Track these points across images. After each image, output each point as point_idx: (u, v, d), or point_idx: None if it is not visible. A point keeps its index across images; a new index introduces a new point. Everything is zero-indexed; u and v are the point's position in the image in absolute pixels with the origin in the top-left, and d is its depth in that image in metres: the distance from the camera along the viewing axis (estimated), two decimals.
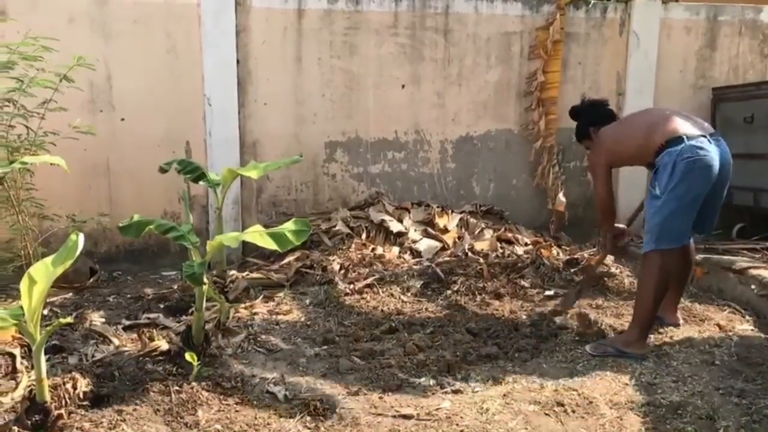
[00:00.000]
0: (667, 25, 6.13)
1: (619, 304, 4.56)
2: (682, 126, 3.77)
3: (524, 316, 4.31)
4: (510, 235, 5.56)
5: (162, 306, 4.41)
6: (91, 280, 4.89)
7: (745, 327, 4.16)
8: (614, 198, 4.29)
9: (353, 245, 5.20)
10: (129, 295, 4.69)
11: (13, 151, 4.15)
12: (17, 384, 3.13)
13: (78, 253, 2.70)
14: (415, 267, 4.95)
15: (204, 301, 3.45)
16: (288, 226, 3.39)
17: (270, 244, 3.27)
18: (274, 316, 4.23)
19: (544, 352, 3.76)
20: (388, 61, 5.74)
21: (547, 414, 3.05)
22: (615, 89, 6.18)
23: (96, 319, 4.11)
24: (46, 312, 4.18)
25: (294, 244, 3.31)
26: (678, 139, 3.71)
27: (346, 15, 5.59)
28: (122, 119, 5.27)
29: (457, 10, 5.80)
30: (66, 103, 4.28)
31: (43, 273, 2.66)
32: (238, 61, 5.42)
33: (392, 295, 4.59)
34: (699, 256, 5.14)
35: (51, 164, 3.74)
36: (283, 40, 5.52)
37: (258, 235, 3.31)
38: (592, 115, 4.23)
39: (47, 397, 2.72)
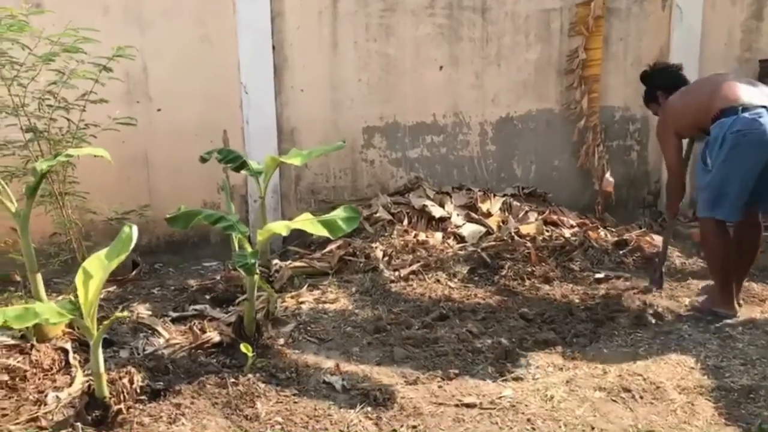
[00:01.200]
0: None
1: (673, 286, 4.43)
2: (743, 94, 3.62)
3: (577, 300, 4.20)
4: (555, 217, 5.43)
5: (207, 297, 4.36)
6: (134, 272, 4.86)
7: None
8: (684, 169, 4.11)
9: (395, 232, 5.11)
10: (173, 287, 4.66)
11: (55, 144, 4.11)
12: (72, 379, 3.09)
13: (132, 245, 2.64)
14: (460, 252, 4.84)
15: (255, 291, 3.39)
16: (338, 213, 3.32)
17: (322, 232, 3.21)
18: (321, 305, 4.16)
19: (602, 337, 3.66)
20: (425, 43, 5.61)
21: (614, 400, 2.96)
22: None
23: (143, 311, 4.07)
24: None
25: (345, 231, 3.24)
26: (731, 110, 3.58)
27: None
28: (159, 110, 5.21)
29: None
30: (104, 95, 4.23)
31: (98, 266, 2.62)
32: (273, 48, 5.32)
33: (439, 281, 4.50)
34: None
35: (94, 156, 3.69)
36: (318, 25, 5.41)
37: (309, 223, 3.24)
38: (661, 80, 4.10)
39: (106, 392, 2.68)
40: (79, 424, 2.46)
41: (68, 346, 3.35)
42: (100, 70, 4.04)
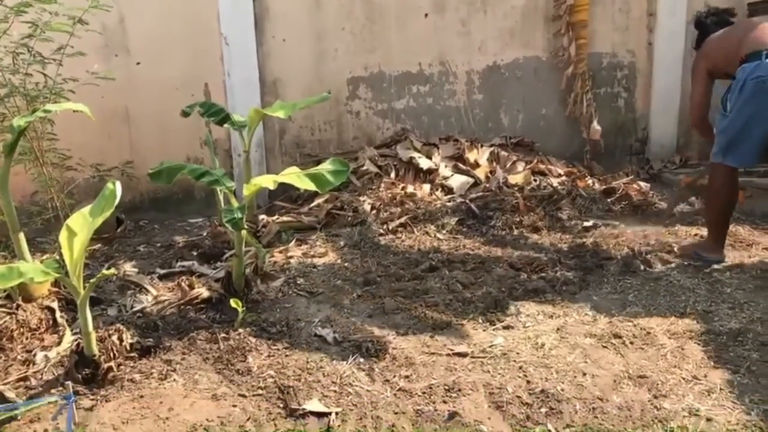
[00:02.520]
0: None
1: (661, 232, 4.43)
2: None
3: (566, 248, 4.20)
4: (543, 166, 5.40)
5: (194, 253, 4.32)
6: (119, 230, 4.81)
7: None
8: (708, 108, 4.01)
9: (383, 185, 5.06)
10: (159, 244, 4.61)
11: (32, 100, 4.00)
12: (60, 338, 3.06)
13: (116, 201, 2.58)
14: (448, 204, 4.82)
15: (243, 246, 3.35)
16: (325, 167, 3.24)
17: (309, 186, 3.14)
18: (309, 259, 4.14)
19: (592, 284, 3.66)
20: None
21: (605, 347, 2.96)
22: (646, 9, 5.90)
23: (130, 269, 4.04)
24: None
25: (333, 184, 3.17)
26: (756, 54, 3.53)
27: None
28: (138, 63, 5.09)
29: None
30: (81, 48, 4.10)
31: (82, 224, 2.56)
32: None
33: (427, 233, 4.48)
34: (740, 179, 4.98)
35: (73, 112, 3.59)
36: None
37: (296, 177, 3.17)
38: (711, 25, 4.00)
39: (95, 350, 2.65)
40: (69, 382, 2.43)
41: (55, 305, 3.31)
42: (74, 23, 3.91)
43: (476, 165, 5.32)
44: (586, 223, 4.60)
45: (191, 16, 5.09)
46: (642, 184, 5.22)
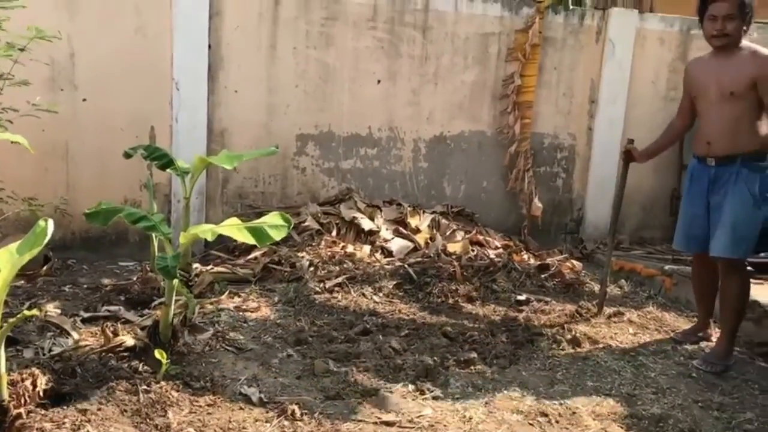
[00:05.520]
0: (642, 35, 6.15)
1: (591, 312, 4.51)
2: None
3: (499, 321, 4.24)
4: (481, 237, 5.48)
5: (122, 298, 4.18)
6: (45, 267, 4.62)
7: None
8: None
9: (323, 242, 5.05)
10: (86, 286, 4.45)
11: None
12: None
13: (46, 240, 2.50)
14: (387, 267, 4.83)
15: (173, 295, 3.27)
16: (267, 220, 3.24)
17: (248, 239, 3.12)
18: (241, 313, 4.05)
19: (522, 359, 3.70)
20: (364, 55, 5.60)
21: (531, 424, 2.98)
22: (588, 96, 6.17)
23: (52, 310, 3.87)
24: None
25: (273, 239, 3.16)
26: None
27: (325, 5, 5.42)
28: (84, 99, 4.99)
29: (437, 7, 5.68)
30: (26, 78, 4.02)
31: (7, 260, 2.46)
32: (209, 46, 5.20)
33: (364, 295, 4.47)
34: (667, 267, 5.18)
35: (10, 143, 3.50)
36: (257, 27, 5.31)
37: (236, 229, 3.15)
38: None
39: (5, 394, 2.51)
40: None
41: None
42: (15, 50, 3.83)
43: (417, 230, 5.37)
44: (519, 297, 4.66)
45: (145, 58, 5.06)
46: (575, 262, 5.35)
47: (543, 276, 5.06)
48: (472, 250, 5.23)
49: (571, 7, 6.05)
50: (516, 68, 5.89)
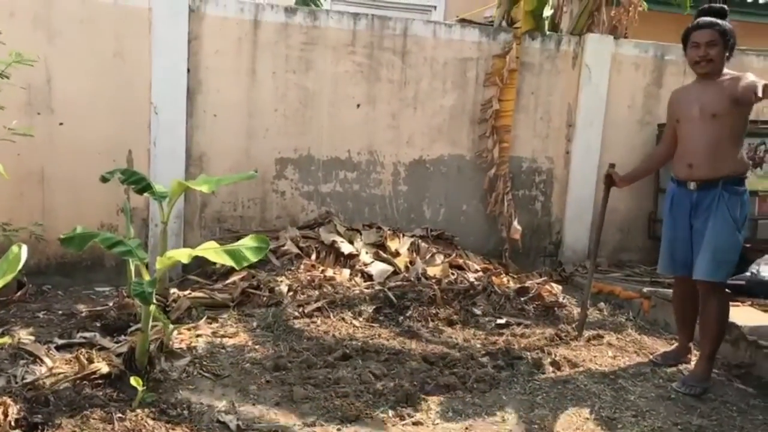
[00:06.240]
0: (617, 60, 6.24)
1: (571, 335, 4.52)
2: None
3: (479, 345, 4.23)
4: (461, 261, 5.49)
5: (97, 324, 4.12)
6: (18, 293, 4.55)
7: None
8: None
9: (302, 266, 5.02)
10: (60, 312, 4.38)
11: None
12: None
13: (20, 266, 2.46)
14: (366, 291, 4.80)
15: (150, 321, 3.22)
16: (245, 243, 3.23)
17: (226, 260, 3.11)
18: (219, 339, 4.01)
19: (502, 383, 3.67)
20: (344, 80, 5.63)
21: None
22: (566, 120, 6.24)
23: (25, 336, 3.79)
24: None
25: (250, 261, 3.16)
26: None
27: (304, 30, 5.46)
28: (61, 124, 4.96)
29: (416, 32, 5.75)
30: (0, 102, 3.99)
31: None
32: (188, 70, 5.20)
33: (344, 319, 4.44)
34: (645, 289, 5.20)
35: None
36: (237, 51, 5.33)
37: (213, 252, 3.13)
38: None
39: None
40: None
41: None
42: None
43: (397, 254, 5.37)
44: (499, 321, 4.65)
45: (122, 82, 5.05)
46: (554, 285, 5.36)
47: (523, 299, 5.05)
48: (452, 274, 5.22)
49: (547, 33, 6.14)
50: (494, 93, 5.95)
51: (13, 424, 2.62)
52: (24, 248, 2.55)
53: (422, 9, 9.31)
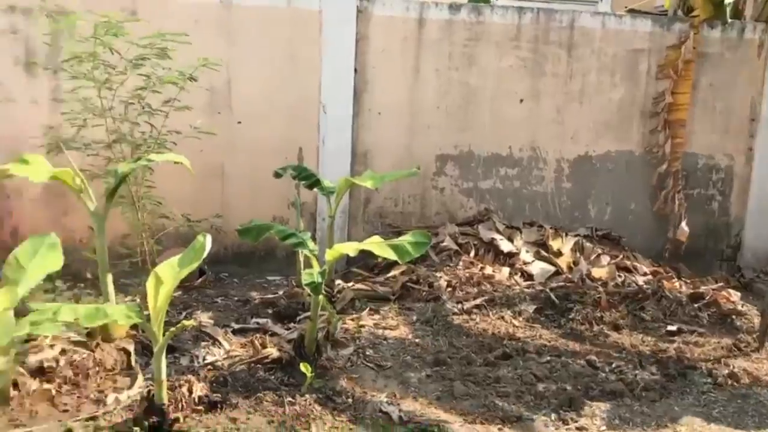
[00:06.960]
0: None
1: (752, 347, 4.18)
2: None
3: (647, 351, 4.01)
4: (628, 263, 5.24)
5: (269, 311, 4.36)
6: (200, 280, 4.92)
7: None
8: None
9: (461, 263, 5.02)
10: (236, 298, 4.68)
11: (136, 148, 4.21)
12: (133, 381, 3.12)
13: (204, 255, 2.65)
14: (526, 290, 4.72)
15: (318, 310, 3.36)
16: (407, 238, 3.29)
17: (389, 254, 3.17)
18: (381, 331, 4.11)
19: (674, 393, 3.48)
20: (507, 75, 5.55)
21: None
22: (748, 115, 5.76)
23: (206, 320, 4.10)
24: None
25: (413, 255, 3.21)
26: None
27: (468, 26, 5.45)
28: (239, 122, 5.30)
29: (583, 24, 5.54)
30: (187, 103, 4.32)
31: (169, 274, 2.63)
32: (355, 70, 5.36)
33: (503, 318, 4.39)
34: None
35: (174, 163, 3.75)
36: (402, 50, 5.42)
37: (378, 246, 3.21)
38: None
39: (165, 399, 2.68)
40: (137, 429, 2.45)
41: (131, 347, 3.39)
42: (185, 79, 4.13)
43: (559, 254, 5.22)
44: (670, 327, 4.39)
45: (294, 84, 5.30)
46: (732, 292, 4.98)
47: (696, 305, 4.74)
48: (619, 276, 5.00)
49: (729, 20, 5.69)
50: (667, 85, 5.62)
51: (196, 400, 2.83)
52: (209, 238, 2.74)
53: (588, 1, 8.97)
